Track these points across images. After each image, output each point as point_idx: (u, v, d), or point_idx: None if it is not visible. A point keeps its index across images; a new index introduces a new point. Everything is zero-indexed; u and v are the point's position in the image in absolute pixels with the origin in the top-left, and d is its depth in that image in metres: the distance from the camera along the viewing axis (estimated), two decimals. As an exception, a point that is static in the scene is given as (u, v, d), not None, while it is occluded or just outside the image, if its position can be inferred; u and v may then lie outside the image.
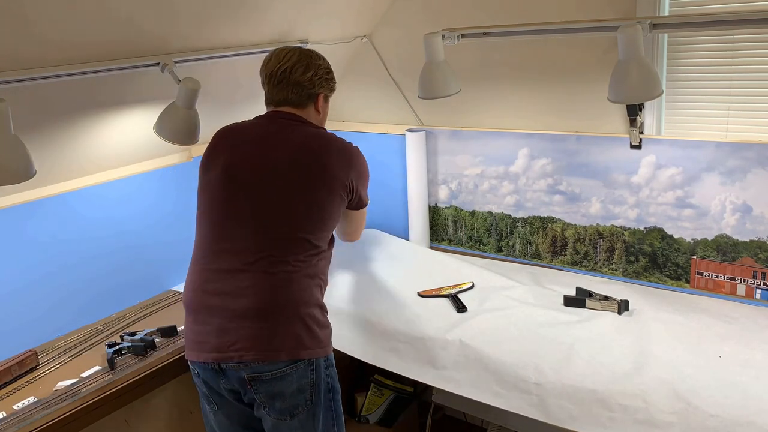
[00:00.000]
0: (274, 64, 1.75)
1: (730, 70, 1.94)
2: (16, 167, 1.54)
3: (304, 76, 1.74)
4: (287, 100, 1.76)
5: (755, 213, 1.96)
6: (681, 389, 1.57)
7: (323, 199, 1.71)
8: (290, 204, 1.68)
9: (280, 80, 1.74)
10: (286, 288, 1.64)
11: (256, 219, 1.68)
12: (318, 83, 1.77)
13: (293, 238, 1.67)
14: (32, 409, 1.68)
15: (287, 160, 1.70)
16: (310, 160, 1.70)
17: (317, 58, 1.79)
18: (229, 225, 1.69)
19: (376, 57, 2.61)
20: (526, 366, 1.73)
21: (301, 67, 1.74)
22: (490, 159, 2.47)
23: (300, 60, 1.75)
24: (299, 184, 1.69)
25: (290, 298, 1.64)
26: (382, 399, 2.64)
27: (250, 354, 1.59)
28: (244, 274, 1.64)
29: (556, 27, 1.91)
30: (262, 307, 1.62)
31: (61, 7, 1.51)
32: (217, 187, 1.72)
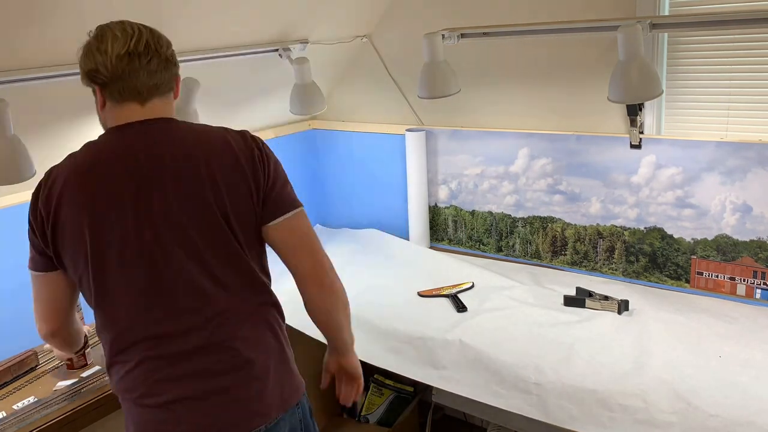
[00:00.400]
0: (122, 45, 1.25)
1: (730, 70, 1.94)
2: (16, 167, 1.55)
3: (169, 51, 1.31)
4: (157, 88, 1.29)
5: (755, 213, 1.96)
6: (681, 389, 1.57)
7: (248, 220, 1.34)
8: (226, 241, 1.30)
9: (142, 58, 1.25)
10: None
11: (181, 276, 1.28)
12: (175, 58, 1.33)
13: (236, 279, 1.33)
14: (32, 409, 1.68)
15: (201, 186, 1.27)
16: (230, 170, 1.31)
17: (152, 30, 1.33)
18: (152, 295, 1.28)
19: (376, 57, 2.61)
20: (526, 366, 1.73)
21: (161, 40, 1.30)
22: (490, 159, 2.47)
23: (151, 31, 1.30)
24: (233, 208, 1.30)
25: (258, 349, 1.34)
26: (382, 399, 2.64)
27: (245, 424, 1.31)
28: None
29: (556, 27, 1.91)
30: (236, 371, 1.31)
31: (62, 7, 1.51)
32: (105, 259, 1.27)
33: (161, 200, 1.24)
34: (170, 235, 1.25)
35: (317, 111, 2.44)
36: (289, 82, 2.36)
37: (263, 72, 2.38)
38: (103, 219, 1.24)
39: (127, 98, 1.27)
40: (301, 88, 2.34)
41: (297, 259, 1.36)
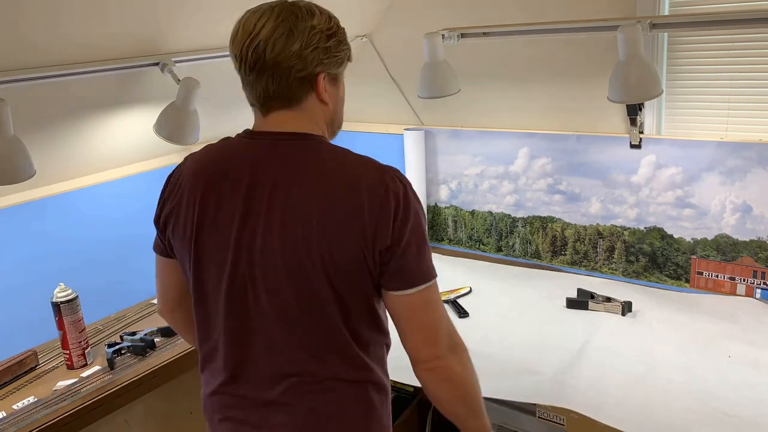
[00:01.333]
0: (242, 38, 1.10)
1: (730, 70, 1.94)
2: (16, 167, 1.54)
3: (288, 51, 1.06)
4: (271, 97, 1.11)
5: (755, 213, 1.96)
6: (695, 390, 1.57)
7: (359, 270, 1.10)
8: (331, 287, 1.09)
9: (253, 65, 1.09)
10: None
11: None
12: (313, 57, 1.09)
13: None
14: (32, 409, 1.68)
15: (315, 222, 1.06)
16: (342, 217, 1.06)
17: (308, 16, 1.09)
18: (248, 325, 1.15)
19: (376, 57, 2.61)
20: (538, 372, 1.72)
21: (281, 37, 1.06)
22: (490, 159, 2.47)
23: (280, 24, 1.07)
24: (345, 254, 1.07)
25: None
26: None
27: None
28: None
29: (556, 27, 1.92)
30: None
31: (61, 7, 1.51)
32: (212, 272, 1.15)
33: (261, 237, 1.07)
34: (266, 282, 1.09)
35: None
36: (289, 82, 2.35)
37: (263, 72, 2.37)
38: (207, 235, 1.13)
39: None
40: (301, 88, 2.34)
41: (416, 341, 1.12)
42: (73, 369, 1.88)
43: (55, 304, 1.86)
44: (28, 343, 2.02)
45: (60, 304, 1.85)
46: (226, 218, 1.10)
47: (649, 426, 1.50)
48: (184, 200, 1.15)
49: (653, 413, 1.53)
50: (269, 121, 1.13)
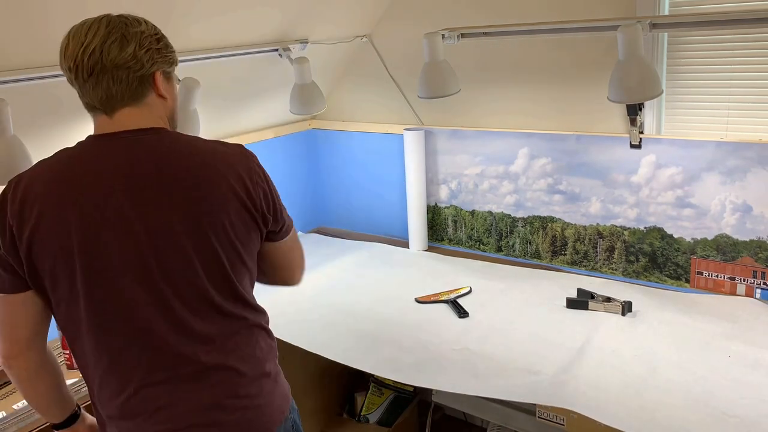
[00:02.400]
0: (74, 49, 1.16)
1: (730, 70, 1.94)
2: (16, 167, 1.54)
3: (124, 54, 1.16)
4: (114, 97, 1.18)
5: (755, 212, 1.96)
6: (696, 391, 1.57)
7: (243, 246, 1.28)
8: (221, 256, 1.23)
9: (91, 70, 1.16)
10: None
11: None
12: (148, 57, 1.19)
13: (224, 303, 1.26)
14: (32, 409, 1.68)
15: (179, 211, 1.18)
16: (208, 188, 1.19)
17: (136, 23, 1.20)
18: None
19: (376, 57, 2.62)
20: (538, 372, 1.72)
21: (115, 42, 1.16)
22: (489, 159, 2.47)
23: (111, 31, 1.16)
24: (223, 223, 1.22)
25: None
26: (382, 399, 2.64)
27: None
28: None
29: (556, 27, 1.92)
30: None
31: (61, 7, 1.51)
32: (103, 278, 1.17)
33: (159, 219, 1.16)
34: (172, 257, 1.17)
35: (317, 111, 2.44)
36: (289, 82, 2.36)
37: (263, 72, 2.38)
38: (96, 239, 1.14)
39: None
40: (301, 88, 2.34)
41: (287, 273, 1.40)
42: (73, 369, 1.88)
43: (55, 304, 1.86)
44: (28, 343, 2.02)
45: (60, 304, 1.85)
46: (114, 218, 1.14)
47: (650, 426, 1.50)
48: (47, 217, 1.13)
49: (653, 413, 1.53)
50: (117, 121, 1.20)
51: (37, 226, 1.13)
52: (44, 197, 1.14)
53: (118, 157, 1.17)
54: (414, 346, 1.91)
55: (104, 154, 1.18)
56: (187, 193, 1.17)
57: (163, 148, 1.19)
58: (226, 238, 1.20)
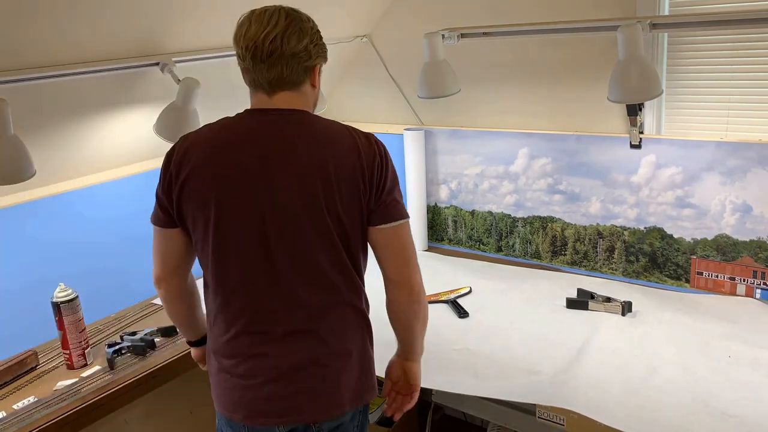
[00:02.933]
0: (256, 32, 1.30)
1: (730, 70, 1.94)
2: (16, 167, 1.54)
3: (300, 45, 1.31)
4: (283, 81, 1.33)
5: (755, 213, 1.96)
6: (696, 391, 1.57)
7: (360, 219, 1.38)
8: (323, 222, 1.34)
9: (270, 53, 1.29)
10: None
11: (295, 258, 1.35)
12: (315, 52, 1.35)
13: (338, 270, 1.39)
14: (32, 408, 1.68)
15: (324, 175, 1.31)
16: (352, 169, 1.33)
17: (307, 20, 1.36)
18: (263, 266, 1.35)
19: (376, 57, 2.61)
20: (539, 372, 1.72)
21: (294, 34, 1.30)
22: (490, 159, 2.47)
23: (291, 24, 1.31)
24: (344, 204, 1.34)
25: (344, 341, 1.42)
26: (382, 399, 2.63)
27: (309, 409, 1.38)
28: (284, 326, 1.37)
29: (556, 27, 1.92)
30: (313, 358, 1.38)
31: (61, 7, 1.51)
32: (235, 219, 1.34)
33: (283, 187, 1.31)
34: (289, 225, 1.32)
35: (317, 111, 2.43)
36: (289, 82, 2.36)
37: (263, 72, 2.38)
38: (230, 196, 1.32)
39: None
40: (301, 88, 2.34)
41: (395, 265, 1.43)
42: (73, 369, 1.88)
43: (55, 304, 1.86)
44: (28, 343, 2.02)
45: (60, 304, 1.85)
46: (247, 180, 1.31)
47: (649, 426, 1.50)
48: (197, 170, 1.33)
49: (653, 413, 1.53)
50: (274, 101, 1.35)
51: (188, 176, 1.33)
52: (199, 154, 1.34)
53: (264, 128, 1.33)
54: None
55: (253, 126, 1.35)
56: (311, 167, 1.30)
57: (302, 126, 1.35)
58: (335, 212, 1.32)
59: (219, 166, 1.32)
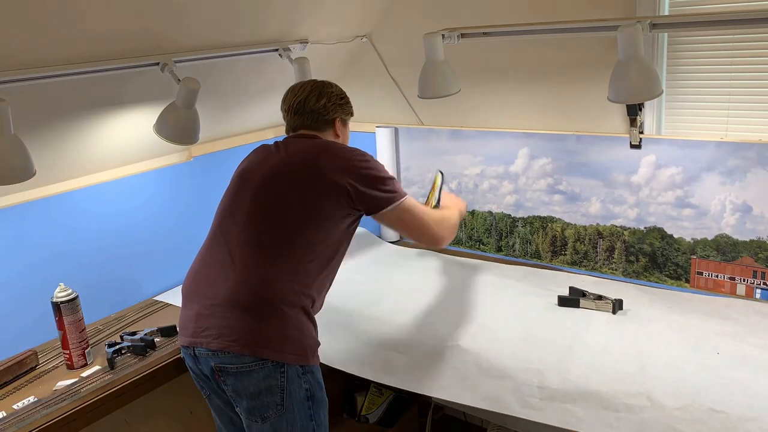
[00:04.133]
0: (290, 99, 1.87)
1: (730, 70, 1.94)
2: (16, 167, 1.54)
3: (318, 104, 1.84)
4: (303, 125, 1.85)
5: (755, 213, 1.96)
6: (684, 387, 1.58)
7: (314, 201, 1.68)
8: (285, 205, 1.68)
9: (296, 111, 1.85)
10: (269, 285, 1.62)
11: (253, 217, 1.71)
12: (332, 109, 1.85)
13: (285, 238, 1.66)
14: (32, 408, 1.68)
15: (285, 163, 1.75)
16: (306, 162, 1.71)
17: (329, 86, 1.88)
18: (229, 221, 1.75)
19: (376, 57, 2.61)
20: (527, 370, 1.72)
21: (314, 96, 1.84)
22: (490, 159, 2.47)
23: (313, 90, 1.85)
24: (293, 186, 1.70)
25: (271, 296, 1.61)
26: (382, 399, 2.64)
27: (216, 342, 1.60)
28: (233, 265, 1.66)
29: (556, 27, 1.91)
30: (241, 299, 1.61)
31: (61, 7, 1.51)
32: (229, 190, 1.83)
33: (275, 184, 1.73)
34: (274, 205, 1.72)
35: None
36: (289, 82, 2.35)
37: (263, 72, 2.38)
38: (243, 184, 1.81)
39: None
40: (301, 88, 2.34)
41: (413, 237, 1.93)
42: (73, 369, 1.88)
43: (55, 303, 1.86)
44: (28, 343, 2.02)
45: (60, 303, 1.85)
46: (259, 175, 1.78)
47: (637, 423, 1.51)
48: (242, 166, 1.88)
49: (641, 410, 1.54)
50: (297, 132, 1.90)
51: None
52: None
53: (285, 144, 1.82)
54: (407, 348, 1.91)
55: (277, 143, 1.84)
56: (304, 169, 1.71)
57: (310, 144, 1.79)
58: (301, 209, 1.69)
59: (246, 165, 1.92)
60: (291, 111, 1.86)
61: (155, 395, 1.93)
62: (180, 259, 2.47)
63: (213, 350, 1.60)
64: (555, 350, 1.79)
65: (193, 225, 2.50)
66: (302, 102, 1.84)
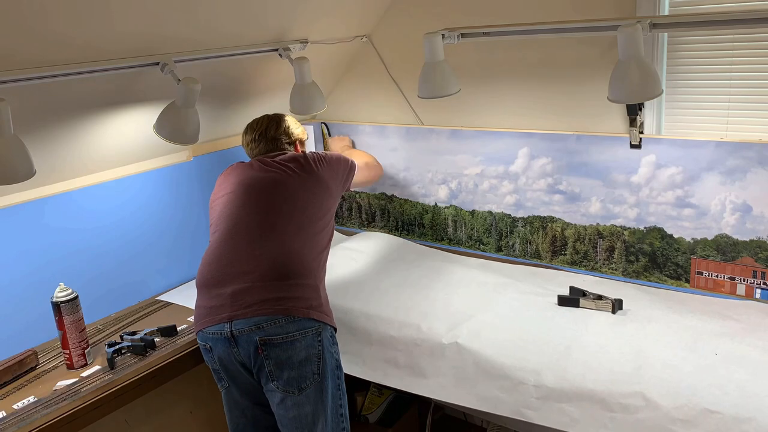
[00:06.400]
0: (251, 133, 2.18)
1: (730, 70, 1.94)
2: (16, 167, 1.54)
3: (278, 131, 2.16)
4: (268, 149, 2.15)
5: (755, 212, 1.96)
6: (680, 387, 1.57)
7: (314, 187, 2.03)
8: (295, 195, 1.97)
9: (259, 141, 2.16)
10: (296, 256, 1.84)
11: (269, 207, 1.93)
12: (291, 133, 2.19)
13: (299, 218, 1.93)
14: (32, 408, 1.68)
15: (283, 168, 2.03)
16: (302, 166, 2.05)
17: (284, 116, 2.21)
18: (244, 215, 1.93)
19: (376, 57, 2.62)
20: (524, 369, 1.73)
21: (273, 126, 2.16)
22: (490, 158, 2.47)
23: (271, 121, 2.18)
24: (299, 182, 2.01)
25: (299, 266, 1.82)
26: (382, 399, 2.64)
27: (263, 309, 1.72)
28: (258, 246, 1.84)
29: (556, 27, 1.91)
30: (275, 270, 1.79)
31: (61, 7, 1.51)
32: (231, 195, 2.00)
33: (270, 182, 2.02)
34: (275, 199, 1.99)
35: (317, 111, 2.44)
36: (289, 82, 2.36)
37: (263, 72, 2.38)
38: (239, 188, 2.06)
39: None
40: (301, 88, 2.34)
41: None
42: (73, 369, 1.88)
43: (55, 303, 1.86)
44: (28, 343, 2.02)
45: (60, 303, 1.86)
46: (248, 181, 2.06)
47: (632, 423, 1.51)
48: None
49: (636, 410, 1.54)
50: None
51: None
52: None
53: (263, 160, 2.09)
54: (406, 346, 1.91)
55: (261, 159, 2.11)
56: (303, 170, 2.05)
57: (288, 156, 2.09)
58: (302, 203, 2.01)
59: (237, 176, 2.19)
60: (254, 141, 2.16)
61: (155, 395, 1.93)
62: (180, 259, 2.47)
63: (257, 323, 1.72)
64: (553, 350, 1.79)
65: (193, 225, 2.50)
66: (263, 132, 2.15)
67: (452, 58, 2.10)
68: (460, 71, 2.15)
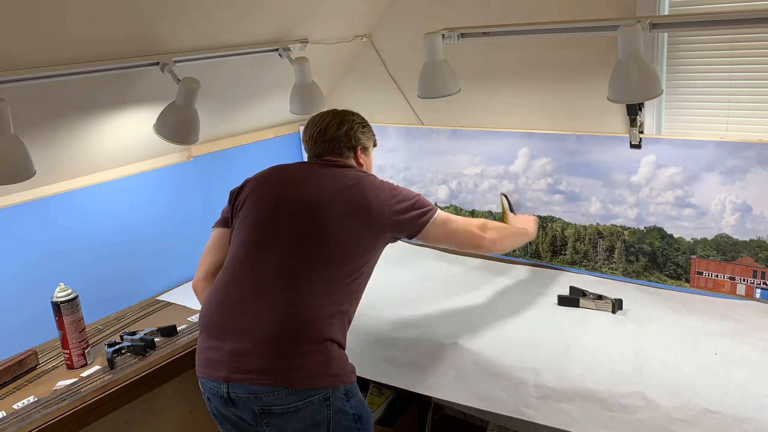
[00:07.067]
0: (311, 129, 1.89)
1: (730, 70, 1.94)
2: (16, 167, 1.54)
3: (339, 132, 1.85)
4: (325, 152, 1.86)
5: (755, 212, 1.96)
6: (680, 387, 1.57)
7: (361, 233, 1.68)
8: (329, 236, 1.65)
9: (317, 140, 1.86)
10: (312, 316, 1.57)
11: (294, 246, 1.64)
12: (354, 137, 1.86)
13: (329, 267, 1.63)
14: (32, 408, 1.68)
15: (327, 195, 1.70)
16: (352, 198, 1.70)
17: (351, 114, 1.90)
18: (262, 249, 1.66)
19: (376, 57, 2.62)
20: (524, 368, 1.73)
21: (335, 124, 1.86)
22: (489, 158, 2.47)
23: (333, 118, 1.88)
24: (340, 220, 1.67)
25: (316, 328, 1.56)
26: (382, 398, 2.64)
27: (259, 380, 1.51)
28: (270, 296, 1.59)
29: (556, 27, 1.91)
30: (283, 333, 1.54)
31: (61, 7, 1.51)
32: (256, 215, 1.72)
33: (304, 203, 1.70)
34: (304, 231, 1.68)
35: (317, 111, 2.43)
36: (289, 82, 2.36)
37: (263, 72, 2.38)
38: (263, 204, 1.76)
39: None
40: (301, 88, 2.34)
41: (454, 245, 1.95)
42: (73, 369, 1.88)
43: (55, 303, 1.86)
44: (28, 343, 2.02)
45: (60, 303, 1.86)
46: (280, 199, 1.76)
47: (632, 423, 1.51)
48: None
49: (635, 410, 1.54)
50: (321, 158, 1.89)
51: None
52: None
53: (314, 170, 1.81)
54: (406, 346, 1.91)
55: (305, 165, 1.89)
56: (350, 204, 1.69)
57: (345, 176, 1.76)
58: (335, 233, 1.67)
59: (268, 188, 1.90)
60: (311, 140, 1.88)
61: (155, 395, 1.93)
62: (180, 259, 2.47)
63: (255, 392, 1.51)
64: (553, 349, 1.79)
65: (194, 225, 2.50)
66: (323, 130, 1.85)
67: (452, 58, 2.10)
68: (460, 71, 2.15)
